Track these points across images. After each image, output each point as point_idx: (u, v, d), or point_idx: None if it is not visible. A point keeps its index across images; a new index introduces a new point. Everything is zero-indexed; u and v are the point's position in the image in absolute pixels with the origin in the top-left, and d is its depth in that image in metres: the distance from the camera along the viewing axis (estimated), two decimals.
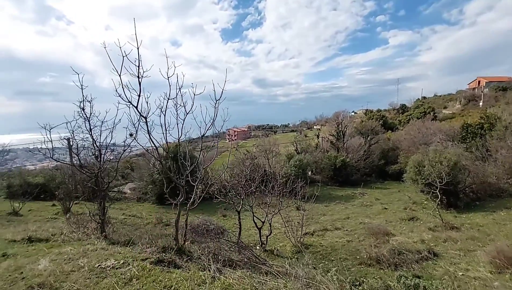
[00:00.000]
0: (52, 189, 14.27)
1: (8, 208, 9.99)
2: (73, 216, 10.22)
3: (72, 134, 5.02)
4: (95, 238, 5.20)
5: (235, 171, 15.15)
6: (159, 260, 3.21)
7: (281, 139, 31.28)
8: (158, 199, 17.12)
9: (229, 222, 12.23)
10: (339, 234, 9.30)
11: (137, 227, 9.65)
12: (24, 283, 2.47)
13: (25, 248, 4.29)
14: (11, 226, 7.72)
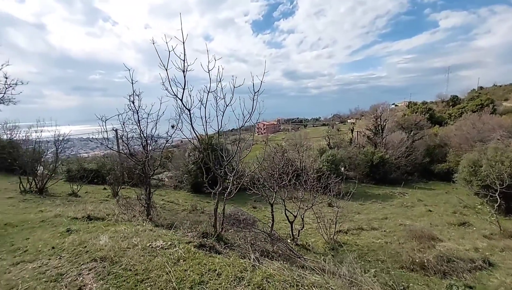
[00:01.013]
0: (104, 174, 16.06)
1: (68, 190, 11.48)
2: (121, 199, 11.43)
3: (123, 125, 5.53)
4: (142, 220, 5.73)
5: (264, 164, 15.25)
6: (201, 245, 3.40)
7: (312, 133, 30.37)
8: (193, 187, 18.14)
9: (259, 214, 12.42)
10: (376, 234, 8.82)
11: (175, 213, 10.38)
12: (88, 256, 2.83)
13: (86, 225, 4.90)
14: (72, 205, 8.90)
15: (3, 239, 4.38)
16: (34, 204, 8.61)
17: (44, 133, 12.53)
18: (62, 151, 12.55)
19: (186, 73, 3.58)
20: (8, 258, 3.19)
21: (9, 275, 2.46)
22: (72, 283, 2.24)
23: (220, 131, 4.23)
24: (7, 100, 7.30)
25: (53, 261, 2.80)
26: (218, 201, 4.37)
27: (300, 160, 17.28)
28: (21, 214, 6.78)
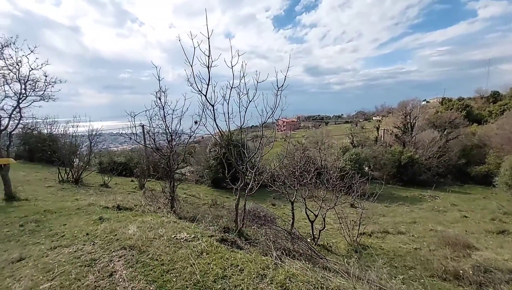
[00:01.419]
0: (131, 167, 17.05)
1: (100, 181, 12.31)
2: (147, 191, 12.03)
3: (150, 120, 5.76)
4: (167, 212, 5.97)
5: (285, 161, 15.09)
6: (223, 239, 3.44)
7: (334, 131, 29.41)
8: (213, 182, 18.56)
9: (278, 211, 12.34)
10: (404, 239, 8.34)
11: (196, 206, 10.66)
12: (118, 244, 2.99)
13: (116, 214, 5.20)
14: (103, 195, 9.55)
15: (43, 225, 4.81)
16: (71, 193, 9.38)
17: (80, 128, 13.65)
18: (95, 145, 13.56)
19: (210, 69, 3.60)
20: (46, 243, 3.49)
21: (46, 259, 2.68)
22: (104, 268, 2.37)
23: (242, 127, 4.22)
24: (47, 97, 7.91)
25: (87, 247, 2.99)
26: (239, 197, 4.39)
27: (321, 158, 16.85)
28: (59, 202, 7.41)
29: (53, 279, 2.19)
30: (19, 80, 7.25)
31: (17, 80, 7.23)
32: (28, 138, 15.73)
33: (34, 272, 2.33)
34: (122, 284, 2.12)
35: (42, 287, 2.05)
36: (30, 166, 14.52)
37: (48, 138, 15.38)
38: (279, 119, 4.78)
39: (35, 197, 7.59)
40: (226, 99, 4.11)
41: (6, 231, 4.47)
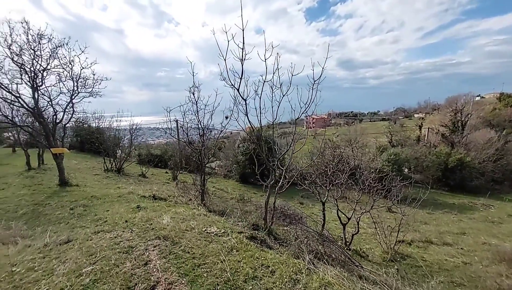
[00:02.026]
0: (166, 160, 18.12)
1: (138, 171, 13.26)
2: (179, 183, 12.65)
3: (183, 115, 5.94)
4: (197, 204, 6.14)
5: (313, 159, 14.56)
6: (253, 237, 3.37)
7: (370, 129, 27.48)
8: (241, 177, 18.80)
9: (306, 211, 11.98)
10: (450, 251, 7.44)
11: (224, 200, 10.87)
12: (153, 233, 3.10)
13: (152, 204, 5.50)
14: (141, 185, 10.25)
15: (89, 209, 5.29)
16: (113, 181, 10.27)
17: (122, 123, 14.93)
18: (135, 138, 14.72)
19: (243, 62, 3.50)
20: (91, 227, 3.79)
21: (90, 242, 2.88)
22: (140, 257, 2.46)
23: (274, 122, 4.07)
24: (95, 93, 8.70)
25: (126, 233, 3.16)
26: (269, 194, 4.27)
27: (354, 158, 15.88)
28: (104, 189, 8.14)
29: (95, 263, 2.33)
30: (72, 78, 8.08)
31: (70, 78, 8.07)
32: (80, 131, 17.65)
33: (79, 255, 2.51)
34: (156, 274, 2.17)
35: (85, 270, 2.19)
36: (81, 155, 16.30)
37: (96, 131, 17.11)
38: (310, 115, 4.53)
39: (84, 183, 8.45)
40: (258, 93, 3.99)
41: (58, 213, 5.02)
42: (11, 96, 7.28)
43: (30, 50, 7.20)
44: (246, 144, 17.82)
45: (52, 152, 7.62)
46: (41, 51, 7.35)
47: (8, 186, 7.47)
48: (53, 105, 7.96)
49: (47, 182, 7.94)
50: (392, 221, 9.31)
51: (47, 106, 8.05)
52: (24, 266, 2.29)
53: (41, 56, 7.36)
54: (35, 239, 3.32)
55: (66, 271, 2.20)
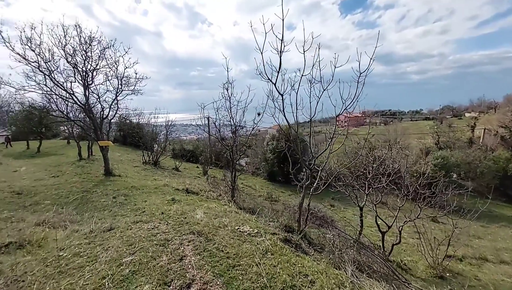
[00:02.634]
0: (197, 155, 18.83)
1: (172, 165, 13.92)
2: (210, 178, 12.99)
3: (216, 112, 5.97)
4: (228, 200, 6.17)
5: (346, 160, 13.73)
6: (287, 239, 3.19)
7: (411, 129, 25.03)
8: (269, 175, 18.67)
9: (338, 214, 11.41)
10: (508, 271, 6.42)
11: (252, 197, 10.84)
12: (187, 227, 3.11)
13: (185, 197, 5.65)
14: (175, 178, 10.74)
15: (129, 199, 5.62)
16: (150, 173, 10.92)
17: (159, 119, 15.89)
18: (170, 134, 15.57)
19: (282, 54, 3.30)
20: (130, 216, 3.98)
21: (130, 232, 2.99)
22: (175, 251, 2.45)
23: (312, 119, 3.80)
24: (137, 91, 9.31)
25: (162, 225, 3.23)
26: (304, 195, 4.03)
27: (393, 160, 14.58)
28: (142, 180, 8.67)
29: (134, 253, 2.38)
30: (117, 76, 8.74)
31: (115, 77, 8.73)
32: (123, 126, 19.21)
33: (120, 243, 2.61)
34: (191, 271, 2.12)
35: (125, 260, 2.24)
36: (123, 148, 17.74)
37: (136, 126, 18.49)
38: (351, 112, 4.15)
39: (126, 174, 9.10)
40: (295, 88, 3.76)
41: (103, 201, 5.43)
42: (66, 94, 8.11)
43: (82, 52, 7.92)
44: (275, 142, 17.63)
45: (99, 145, 8.34)
46: (91, 52, 8.05)
47: (62, 174, 8.38)
48: (100, 102, 8.70)
49: (94, 172, 8.72)
50: (438, 232, 8.32)
51: (96, 102, 8.82)
52: (71, 251, 2.44)
53: (91, 57, 8.07)
54: (82, 224, 3.59)
55: (108, 259, 2.28)
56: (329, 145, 3.79)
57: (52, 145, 16.83)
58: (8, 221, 3.48)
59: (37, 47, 7.27)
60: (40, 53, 7.32)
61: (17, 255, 2.29)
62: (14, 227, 3.14)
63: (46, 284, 1.88)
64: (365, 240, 6.07)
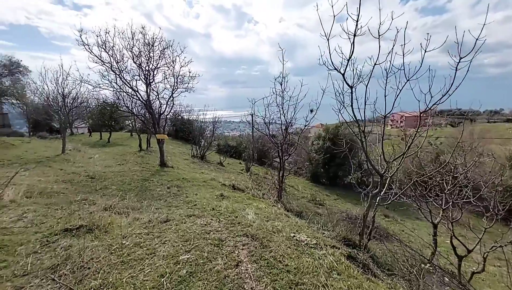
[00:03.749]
0: (240, 151, 19.20)
1: (217, 159, 14.40)
2: (252, 175, 13.01)
3: (266, 108, 5.74)
4: (274, 200, 5.92)
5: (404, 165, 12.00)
6: (351, 256, 2.74)
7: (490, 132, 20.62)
8: (312, 176, 17.83)
9: (393, 226, 10.12)
10: None
11: (295, 198, 10.38)
12: (240, 228, 2.93)
13: (233, 194, 5.59)
14: (220, 172, 11.02)
15: (182, 190, 5.85)
16: (198, 166, 11.45)
17: (206, 116, 16.67)
18: (216, 130, 16.22)
19: (355, 38, 2.82)
20: (183, 208, 4.04)
21: (184, 226, 2.97)
22: (230, 254, 2.29)
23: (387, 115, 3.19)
24: (190, 89, 9.79)
25: (214, 223, 3.14)
26: (370, 205, 3.46)
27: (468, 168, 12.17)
28: (192, 172, 9.10)
29: (190, 251, 2.30)
30: (173, 75, 9.34)
31: (172, 75, 9.34)
32: (175, 121, 20.81)
33: (176, 238, 2.58)
34: (249, 282, 1.91)
35: (181, 258, 2.17)
36: (175, 142, 19.21)
37: (187, 122, 19.82)
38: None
39: (177, 166, 9.70)
40: (364, 80, 3.21)
41: (159, 190, 5.77)
42: (132, 91, 8.99)
43: (145, 52, 8.66)
44: (321, 141, 16.68)
45: (156, 138, 9.05)
46: (153, 52, 8.75)
47: (126, 162, 9.36)
48: (159, 99, 9.42)
49: (151, 162, 9.52)
50: None
51: (155, 99, 9.58)
52: (132, 240, 2.49)
53: (153, 57, 8.77)
54: (142, 212, 3.77)
55: (166, 253, 2.24)
56: (407, 148, 3.13)
57: (119, 137, 19.29)
58: (82, 203, 3.88)
59: (110, 49, 8.20)
60: (112, 55, 8.24)
61: (86, 239, 2.44)
62: (86, 210, 3.46)
63: (109, 274, 1.90)
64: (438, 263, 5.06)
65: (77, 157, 10.00)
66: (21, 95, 11.67)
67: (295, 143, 5.71)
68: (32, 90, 12.31)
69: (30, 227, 2.71)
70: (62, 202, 3.97)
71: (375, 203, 3.53)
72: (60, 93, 10.69)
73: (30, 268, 1.90)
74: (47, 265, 1.97)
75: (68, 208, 3.59)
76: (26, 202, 3.63)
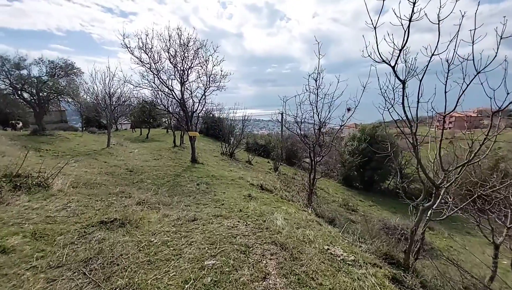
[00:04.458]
0: (269, 150, 19.01)
1: (245, 157, 14.41)
2: (281, 175, 12.73)
3: (298, 106, 5.43)
4: (303, 204, 5.61)
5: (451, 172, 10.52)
6: (396, 279, 2.35)
7: None
8: (345, 180, 16.84)
9: (438, 240, 9.00)
10: None
11: (326, 202, 9.83)
12: (268, 235, 2.74)
13: (261, 195, 5.43)
14: (248, 171, 10.97)
15: (210, 188, 5.88)
16: (227, 164, 11.57)
17: (236, 114, 16.81)
18: (245, 128, 16.28)
19: (409, 24, 2.38)
20: (211, 207, 4.01)
21: (211, 227, 2.88)
22: (257, 264, 2.11)
23: None
24: (221, 87, 9.89)
25: (241, 225, 3.01)
26: (420, 218, 2.98)
27: None
28: (220, 170, 9.20)
29: (215, 256, 2.19)
30: (206, 74, 9.52)
31: (204, 74, 9.53)
32: (207, 119, 21.48)
33: (202, 240, 2.50)
34: None
35: (206, 263, 2.06)
36: (206, 139, 19.83)
37: (218, 120, 20.30)
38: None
39: (207, 163, 9.91)
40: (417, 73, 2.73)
41: (189, 186, 5.89)
42: (167, 90, 9.40)
43: (181, 53, 8.96)
44: (356, 142, 15.60)
45: (189, 135, 9.34)
46: (188, 52, 9.01)
47: (161, 157, 9.85)
48: (192, 97, 9.71)
49: (184, 158, 9.87)
50: None
51: (188, 97, 9.89)
52: (161, 238, 2.48)
53: (188, 57, 9.04)
54: (172, 208, 3.82)
55: (191, 256, 2.16)
56: (474, 155, 2.58)
57: (156, 133, 20.59)
58: (119, 196, 4.08)
59: (149, 51, 8.66)
60: (151, 56, 8.70)
61: (118, 233, 2.49)
62: (122, 203, 3.61)
63: (135, 274, 1.87)
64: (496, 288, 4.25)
65: (119, 151, 10.85)
66: (75, 94, 13.11)
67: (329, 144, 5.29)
68: (84, 90, 13.78)
69: (72, 217, 2.89)
70: (102, 193, 4.24)
71: (426, 217, 3.03)
72: (107, 92, 11.72)
73: (65, 259, 1.97)
74: (81, 258, 2.03)
75: (106, 200, 3.80)
76: (72, 192, 3.93)
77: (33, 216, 2.79)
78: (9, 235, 2.20)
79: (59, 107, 17.11)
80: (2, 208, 2.86)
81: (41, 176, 4.03)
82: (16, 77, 11.28)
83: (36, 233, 2.32)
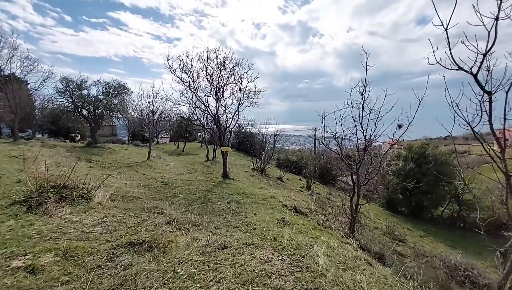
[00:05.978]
0: (301, 167, 18.24)
1: (276, 174, 13.92)
2: (314, 194, 11.90)
3: (339, 122, 4.95)
4: (344, 233, 4.93)
5: None
6: None
7: None
8: (388, 203, 15.15)
9: None
10: None
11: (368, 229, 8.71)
12: (310, 278, 2.28)
13: (295, 219, 4.93)
14: (279, 189, 10.47)
15: (241, 207, 5.58)
16: (257, 180, 11.26)
17: (268, 129, 16.68)
18: (276, 143, 15.97)
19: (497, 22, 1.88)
20: (242, 230, 3.68)
21: (242, 258, 2.55)
22: None
23: None
24: (254, 103, 9.90)
25: (276, 260, 2.61)
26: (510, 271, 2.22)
27: None
28: (251, 187, 8.91)
29: None
30: (240, 90, 9.65)
31: (239, 91, 9.67)
32: (239, 134, 21.80)
33: (232, 277, 2.17)
34: None
35: None
36: (238, 154, 19.98)
37: (249, 135, 20.44)
38: None
39: (238, 178, 9.75)
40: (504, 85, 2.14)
41: (219, 204, 5.68)
42: (203, 107, 9.71)
43: (217, 71, 9.27)
44: (401, 162, 14.00)
45: (221, 150, 9.38)
46: (224, 70, 9.29)
47: (194, 171, 10.02)
48: (226, 113, 9.86)
49: (215, 173, 9.88)
50: None
51: (222, 113, 10.07)
52: (187, 269, 2.23)
53: (224, 75, 9.31)
54: (201, 229, 3.61)
55: None
56: None
57: (191, 147, 21.51)
58: (151, 212, 4.04)
59: (189, 71, 9.15)
60: (190, 75, 9.16)
61: (145, 257, 2.32)
62: (153, 221, 3.52)
63: None
64: None
65: (158, 163, 11.41)
66: (124, 110, 14.56)
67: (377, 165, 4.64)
68: (132, 107, 15.22)
69: (104, 234, 2.85)
70: (136, 208, 4.27)
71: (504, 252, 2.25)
72: (150, 109, 12.69)
73: (88, 288, 1.83)
74: (104, 287, 1.87)
75: (139, 216, 3.77)
76: (110, 205, 4.01)
77: (70, 230, 2.82)
78: (43, 252, 2.18)
79: (110, 122, 19.18)
80: (45, 219, 2.96)
81: (85, 188, 4.23)
82: (78, 96, 12.99)
83: (68, 251, 2.28)
